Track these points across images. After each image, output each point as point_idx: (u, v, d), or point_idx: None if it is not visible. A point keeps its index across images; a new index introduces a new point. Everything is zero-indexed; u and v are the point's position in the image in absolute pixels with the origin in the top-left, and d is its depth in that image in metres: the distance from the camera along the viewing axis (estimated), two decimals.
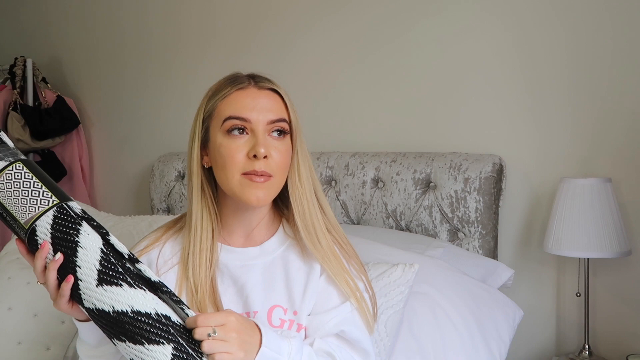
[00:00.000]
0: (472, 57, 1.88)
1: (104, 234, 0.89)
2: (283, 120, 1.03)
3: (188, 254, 1.03)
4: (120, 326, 0.83)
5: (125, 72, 2.69)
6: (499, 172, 1.75)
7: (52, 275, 0.87)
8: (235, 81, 1.04)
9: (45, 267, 0.88)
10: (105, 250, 0.87)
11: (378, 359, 1.17)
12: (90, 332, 0.96)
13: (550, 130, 1.77)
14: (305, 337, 1.02)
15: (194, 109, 1.06)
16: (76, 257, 0.86)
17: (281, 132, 1.02)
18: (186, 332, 0.85)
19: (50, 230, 0.87)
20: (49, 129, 2.62)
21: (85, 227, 0.88)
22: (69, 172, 2.73)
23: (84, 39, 2.82)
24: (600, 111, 1.70)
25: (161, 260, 1.05)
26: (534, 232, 1.81)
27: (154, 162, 2.47)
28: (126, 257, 0.89)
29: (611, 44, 1.68)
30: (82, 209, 0.91)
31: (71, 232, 0.87)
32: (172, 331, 0.84)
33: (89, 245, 0.87)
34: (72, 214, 0.89)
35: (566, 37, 1.74)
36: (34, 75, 2.73)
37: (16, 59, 2.71)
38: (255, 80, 1.05)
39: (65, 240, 0.87)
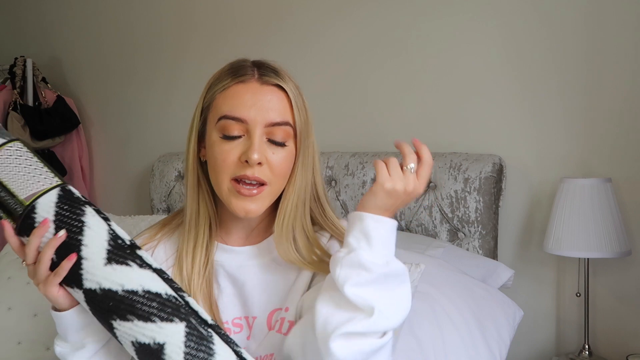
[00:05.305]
0: (472, 57, 1.88)
1: (105, 218, 0.88)
2: (286, 123, 0.92)
3: (182, 254, 0.97)
4: (129, 305, 0.81)
5: (125, 72, 2.69)
6: (499, 172, 1.75)
7: (49, 253, 0.82)
8: (237, 72, 0.93)
9: (38, 246, 0.83)
10: (111, 232, 0.86)
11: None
12: (71, 318, 0.89)
13: (550, 131, 1.77)
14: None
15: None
16: (82, 235, 0.83)
17: (280, 139, 0.92)
18: (195, 314, 0.84)
19: (54, 209, 0.83)
20: (49, 129, 2.62)
21: (89, 210, 0.86)
22: (69, 172, 2.73)
23: (84, 39, 2.82)
24: (600, 111, 1.70)
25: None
26: (534, 232, 1.81)
27: (154, 162, 2.47)
28: (128, 242, 0.87)
29: (611, 44, 1.68)
30: (81, 194, 0.90)
31: (77, 211, 0.85)
32: (182, 311, 0.83)
33: (96, 226, 0.85)
34: (75, 195, 0.87)
35: (567, 37, 1.74)
36: (34, 75, 2.72)
37: (16, 59, 2.71)
38: (259, 72, 0.93)
39: (70, 219, 0.84)
